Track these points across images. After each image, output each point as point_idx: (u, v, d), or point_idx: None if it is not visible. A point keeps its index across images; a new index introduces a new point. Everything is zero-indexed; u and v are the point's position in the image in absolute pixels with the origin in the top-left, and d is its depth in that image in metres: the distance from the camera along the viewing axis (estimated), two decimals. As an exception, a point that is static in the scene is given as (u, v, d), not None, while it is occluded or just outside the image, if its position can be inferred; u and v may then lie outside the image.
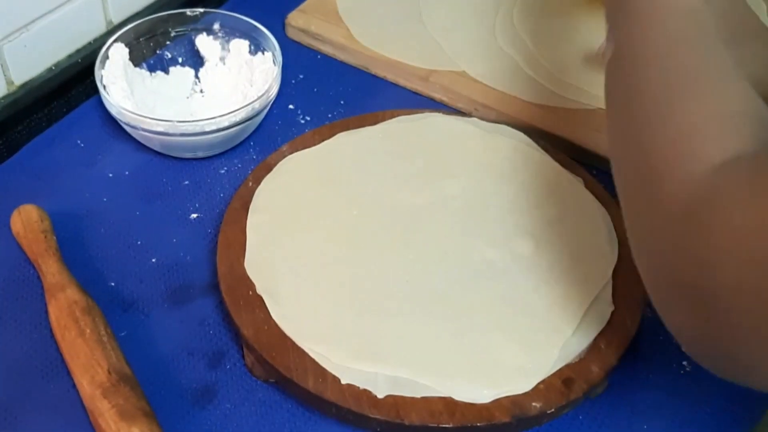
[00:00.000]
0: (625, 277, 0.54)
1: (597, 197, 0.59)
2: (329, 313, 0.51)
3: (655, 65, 0.41)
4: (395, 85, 0.72)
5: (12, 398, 0.51)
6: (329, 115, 0.69)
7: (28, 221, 0.57)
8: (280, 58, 0.66)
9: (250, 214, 0.57)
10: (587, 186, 0.59)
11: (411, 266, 0.54)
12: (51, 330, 0.52)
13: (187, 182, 0.64)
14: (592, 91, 0.68)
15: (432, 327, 0.51)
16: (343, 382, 0.48)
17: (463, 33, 0.74)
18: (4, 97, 0.67)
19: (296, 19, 0.75)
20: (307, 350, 0.49)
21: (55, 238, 0.57)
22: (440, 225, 0.56)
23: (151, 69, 0.69)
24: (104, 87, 0.64)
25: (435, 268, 0.54)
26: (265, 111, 0.65)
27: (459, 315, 0.51)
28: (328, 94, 0.71)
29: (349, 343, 0.50)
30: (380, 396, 0.47)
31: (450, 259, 0.54)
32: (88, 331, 0.51)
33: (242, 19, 0.69)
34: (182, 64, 0.70)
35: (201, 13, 0.70)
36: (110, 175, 0.64)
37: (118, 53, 0.66)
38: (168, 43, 0.70)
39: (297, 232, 0.56)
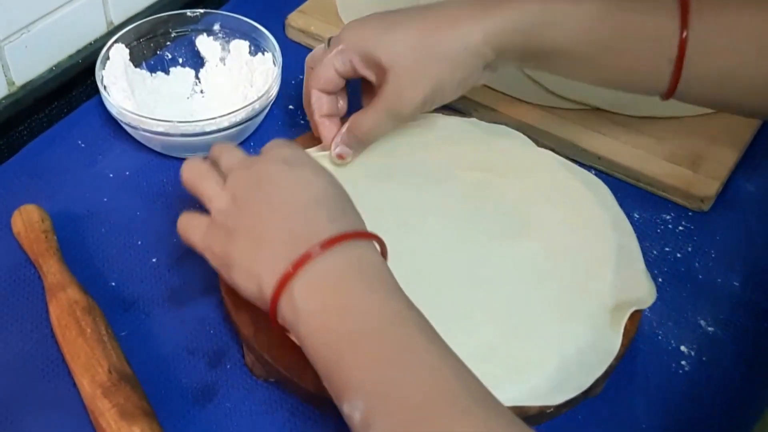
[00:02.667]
0: (623, 277, 0.54)
1: (597, 198, 0.59)
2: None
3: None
4: (395, 86, 0.72)
5: (12, 398, 0.51)
6: (329, 116, 0.69)
7: (29, 221, 0.57)
8: (280, 59, 0.66)
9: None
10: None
11: (410, 266, 0.54)
12: (52, 329, 0.53)
13: (187, 182, 0.64)
14: (591, 91, 0.69)
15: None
16: (342, 381, 0.48)
17: (462, 34, 0.74)
18: (5, 98, 0.67)
19: (296, 20, 0.76)
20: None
21: (55, 238, 0.57)
22: (440, 225, 0.56)
23: (152, 69, 0.69)
24: (105, 87, 0.64)
25: (434, 268, 0.54)
26: (265, 112, 0.65)
27: (457, 314, 0.51)
28: (328, 94, 0.71)
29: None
30: (380, 395, 0.47)
31: (449, 259, 0.54)
32: (88, 330, 0.51)
33: (242, 20, 0.69)
34: (183, 65, 0.70)
35: (201, 13, 0.70)
36: (111, 175, 0.64)
37: (118, 54, 0.66)
38: (168, 43, 0.71)
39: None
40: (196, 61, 0.71)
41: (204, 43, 0.70)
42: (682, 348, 0.54)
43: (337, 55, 0.57)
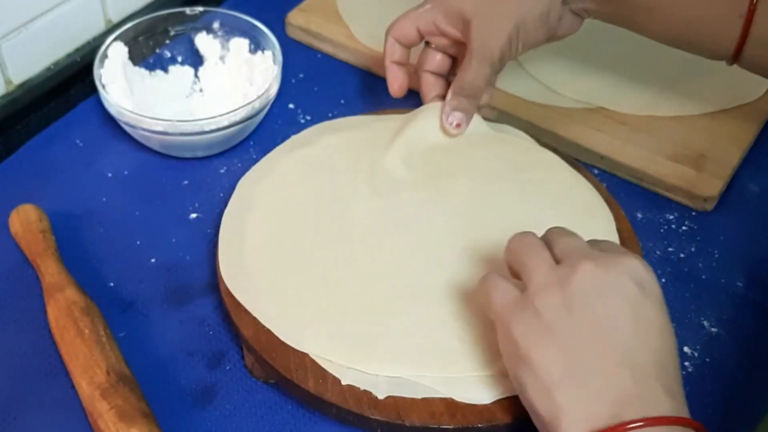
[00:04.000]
0: (626, 278, 0.54)
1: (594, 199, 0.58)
2: (330, 314, 0.51)
3: None
4: (396, 84, 0.71)
5: (11, 399, 0.50)
6: (329, 115, 0.68)
7: (26, 221, 0.57)
8: (280, 57, 0.66)
9: (250, 214, 0.57)
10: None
11: (413, 266, 0.54)
12: (50, 330, 0.52)
13: (186, 182, 0.63)
14: (594, 90, 0.68)
15: (433, 328, 0.50)
16: (343, 383, 0.48)
17: (463, 32, 0.74)
18: (2, 97, 0.67)
19: (296, 18, 0.75)
20: (307, 351, 0.49)
21: (53, 238, 0.57)
22: (442, 224, 0.56)
23: (151, 68, 0.69)
24: (103, 86, 0.63)
25: (437, 268, 0.53)
26: (265, 110, 0.65)
27: (460, 315, 0.51)
28: (328, 93, 0.71)
29: (349, 344, 0.49)
30: (381, 397, 0.47)
31: (452, 258, 0.54)
32: (87, 331, 0.50)
33: (242, 18, 0.68)
34: (182, 63, 0.70)
35: (200, 11, 0.69)
36: (109, 174, 0.64)
37: (117, 52, 0.65)
38: (167, 42, 0.70)
39: (296, 231, 0.56)
40: (196, 60, 0.70)
41: (203, 42, 0.70)
42: (686, 349, 0.54)
43: (422, 13, 0.59)
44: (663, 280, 0.57)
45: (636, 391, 0.38)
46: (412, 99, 0.70)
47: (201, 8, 0.69)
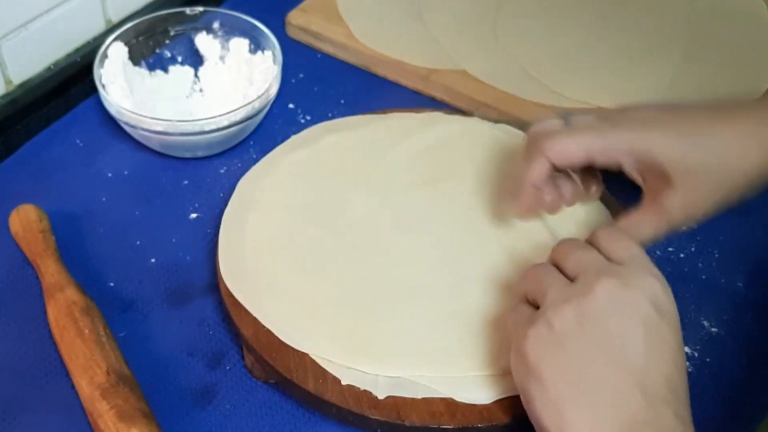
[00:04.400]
0: (626, 278, 0.54)
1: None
2: (330, 314, 0.51)
3: None
4: (396, 85, 0.71)
5: (11, 399, 0.50)
6: (329, 115, 0.68)
7: (26, 221, 0.57)
8: (280, 57, 0.66)
9: (250, 214, 0.57)
10: (589, 186, 0.59)
11: (413, 266, 0.54)
12: (50, 330, 0.52)
13: (186, 182, 0.63)
14: (593, 90, 0.68)
15: (433, 328, 0.50)
16: (343, 383, 0.48)
17: (463, 32, 0.74)
18: (2, 97, 0.66)
19: (296, 18, 0.75)
20: (307, 351, 0.49)
21: (53, 237, 0.57)
22: (442, 225, 0.56)
23: (151, 68, 0.69)
24: (103, 86, 0.63)
25: (436, 269, 0.53)
26: (265, 110, 0.65)
27: (460, 316, 0.51)
28: (328, 93, 0.71)
29: (349, 344, 0.49)
30: (381, 397, 0.47)
31: (451, 259, 0.54)
32: (86, 331, 0.50)
33: (242, 18, 0.68)
34: (182, 63, 0.70)
35: (200, 11, 0.69)
36: (109, 174, 0.64)
37: (117, 52, 0.65)
38: (167, 42, 0.70)
39: (296, 231, 0.56)
40: (196, 60, 0.70)
41: (203, 42, 0.69)
42: (686, 349, 0.54)
43: (600, 139, 0.48)
44: (663, 280, 0.57)
45: (646, 415, 0.38)
46: (413, 99, 0.70)
47: (201, 8, 0.69)
